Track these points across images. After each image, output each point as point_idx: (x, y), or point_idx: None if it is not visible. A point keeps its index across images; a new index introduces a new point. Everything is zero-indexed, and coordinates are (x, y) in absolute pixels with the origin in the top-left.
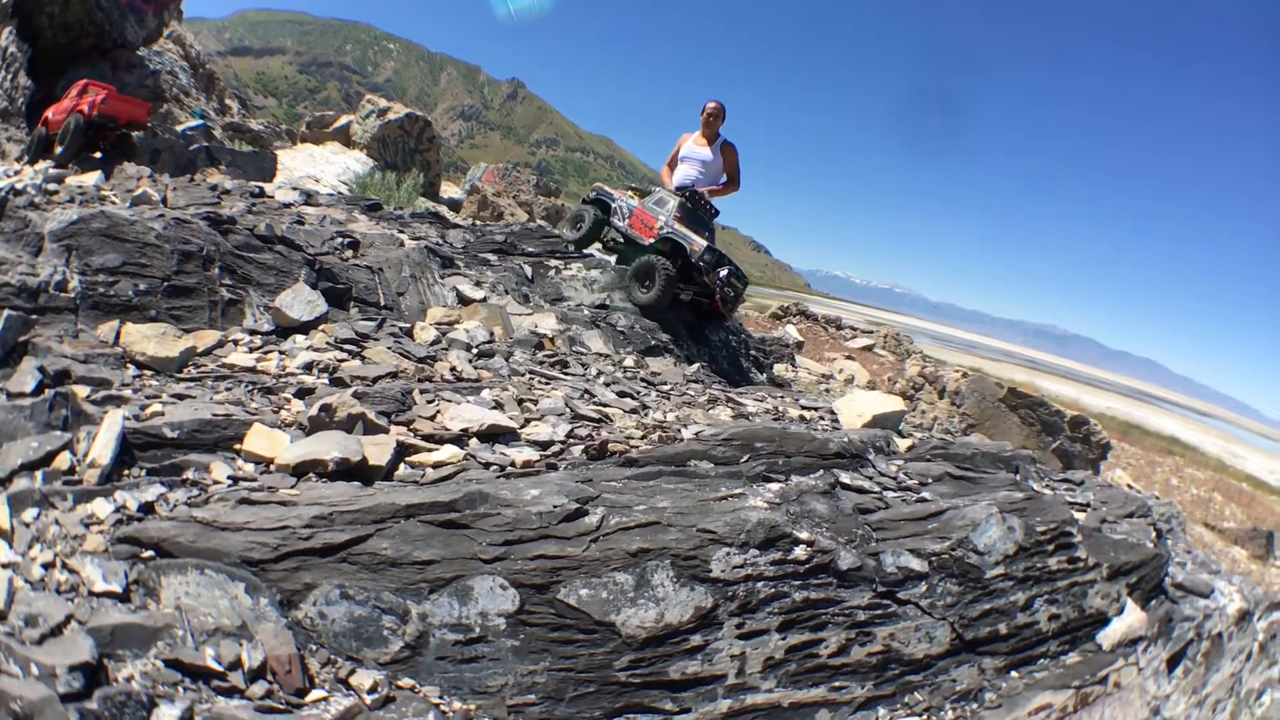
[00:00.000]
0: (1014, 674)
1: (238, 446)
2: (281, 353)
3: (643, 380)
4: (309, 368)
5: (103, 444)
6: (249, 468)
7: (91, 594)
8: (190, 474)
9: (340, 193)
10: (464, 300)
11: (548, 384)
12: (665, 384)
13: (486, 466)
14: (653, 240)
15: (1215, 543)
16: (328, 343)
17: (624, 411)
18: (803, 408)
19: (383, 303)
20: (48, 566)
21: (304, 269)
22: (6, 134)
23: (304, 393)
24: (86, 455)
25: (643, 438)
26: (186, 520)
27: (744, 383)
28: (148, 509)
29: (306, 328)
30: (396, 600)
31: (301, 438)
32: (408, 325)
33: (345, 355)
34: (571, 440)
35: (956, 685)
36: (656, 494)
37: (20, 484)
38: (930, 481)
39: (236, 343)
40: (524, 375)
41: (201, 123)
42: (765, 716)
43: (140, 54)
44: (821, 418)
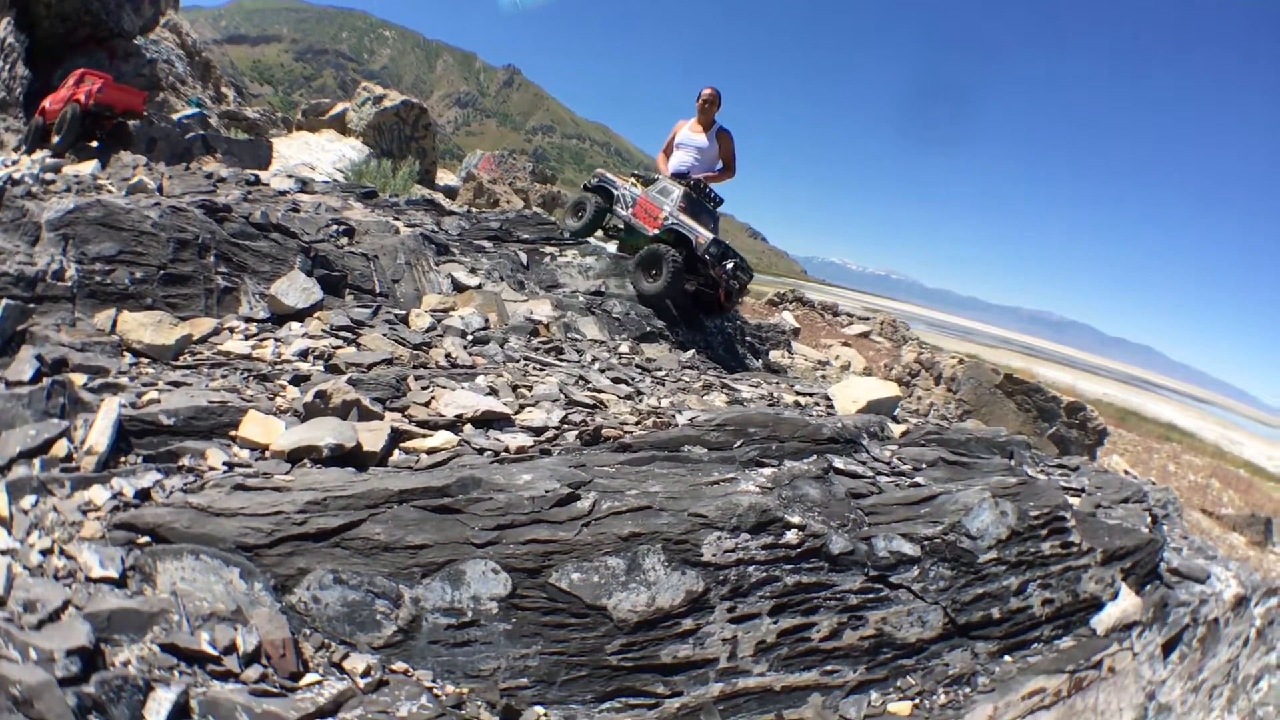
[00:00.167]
0: (1007, 658)
1: (233, 433)
2: (277, 340)
3: (637, 366)
4: (304, 355)
5: (100, 431)
6: (244, 454)
7: (89, 580)
8: (186, 460)
9: (336, 180)
10: (459, 287)
11: (542, 370)
12: (660, 370)
13: (480, 452)
14: (657, 231)
15: (1213, 529)
16: (323, 330)
17: (618, 397)
18: (798, 394)
19: (378, 290)
20: (46, 553)
21: (299, 256)
22: (4, 124)
23: (299, 379)
24: (84, 442)
25: (637, 423)
26: (182, 506)
27: (739, 369)
28: (144, 495)
29: (302, 315)
30: (389, 585)
31: (296, 424)
32: (403, 312)
33: (340, 342)
34: (566, 426)
35: (949, 669)
36: (649, 479)
37: (19, 471)
38: (924, 466)
39: (232, 330)
40: (519, 362)
41: (197, 111)
42: (757, 700)
43: (137, 43)
44: (816, 403)
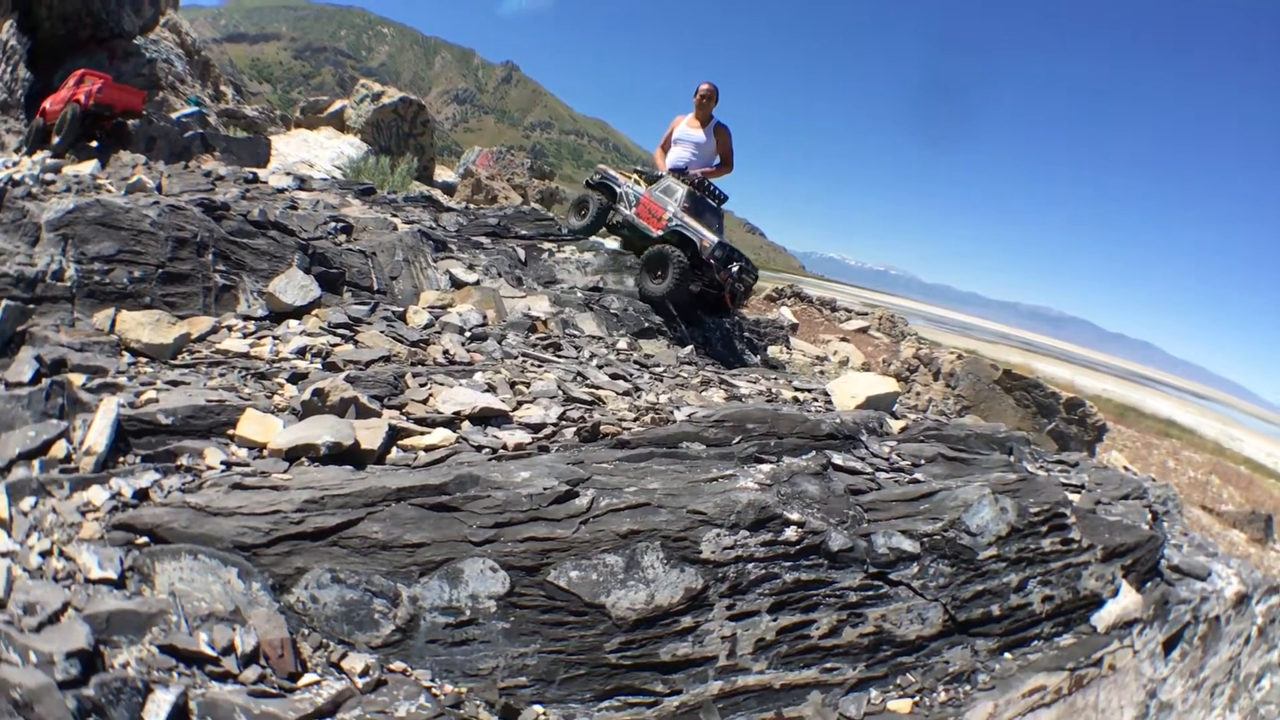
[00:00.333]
0: (1007, 655)
1: (231, 432)
2: (275, 338)
3: (636, 363)
4: (302, 352)
5: (98, 432)
6: (242, 453)
7: (88, 581)
8: (184, 460)
9: (334, 177)
10: (457, 284)
11: (540, 367)
12: (658, 366)
13: (478, 449)
14: (661, 232)
15: (1213, 525)
16: (321, 327)
17: (616, 394)
18: (796, 389)
19: (376, 287)
20: (45, 555)
21: (297, 254)
22: (5, 126)
23: (297, 377)
24: (82, 443)
25: (635, 420)
26: (180, 506)
27: (738, 365)
28: (142, 495)
29: (300, 313)
30: (387, 583)
31: (294, 422)
32: (401, 309)
33: (338, 339)
34: (564, 422)
35: (949, 667)
36: (647, 475)
37: (18, 473)
38: (923, 463)
39: (230, 328)
40: (517, 358)
41: (196, 110)
42: (756, 698)
43: (137, 43)
44: (815, 399)
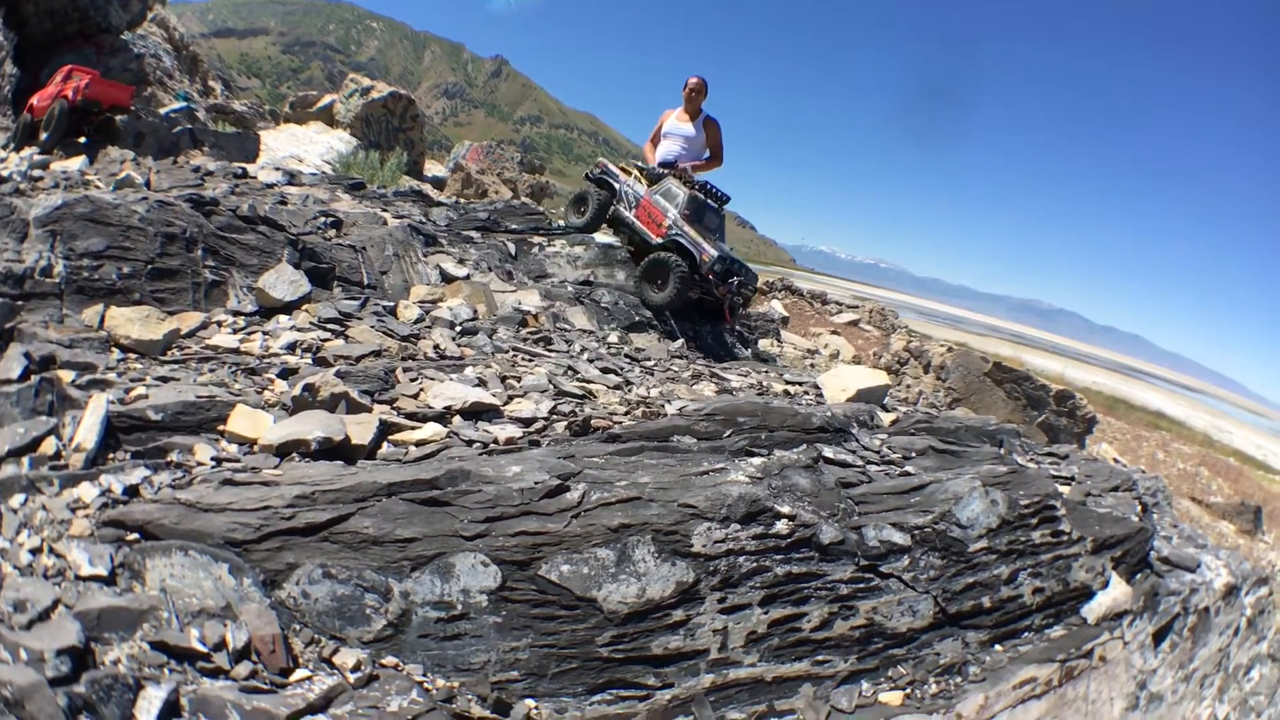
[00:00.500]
0: (998, 647)
1: (221, 428)
2: (265, 333)
3: (626, 356)
4: (292, 348)
5: (87, 428)
6: (232, 449)
7: (78, 578)
8: (174, 456)
9: (323, 172)
10: (447, 278)
11: (531, 361)
12: (649, 360)
13: (469, 444)
14: (660, 240)
15: (1202, 517)
16: (311, 322)
17: (608, 388)
18: (787, 383)
19: (366, 282)
20: (35, 552)
21: (287, 249)
22: None
23: (287, 373)
24: (72, 440)
25: (626, 413)
26: (170, 502)
27: (728, 358)
28: (132, 492)
29: (290, 308)
30: (379, 578)
31: (285, 418)
32: (391, 304)
33: (329, 335)
34: (555, 417)
35: (940, 659)
36: (638, 469)
37: (8, 470)
38: (914, 455)
39: (220, 324)
40: (507, 352)
41: (185, 105)
42: (748, 691)
43: (124, 38)
44: (806, 392)
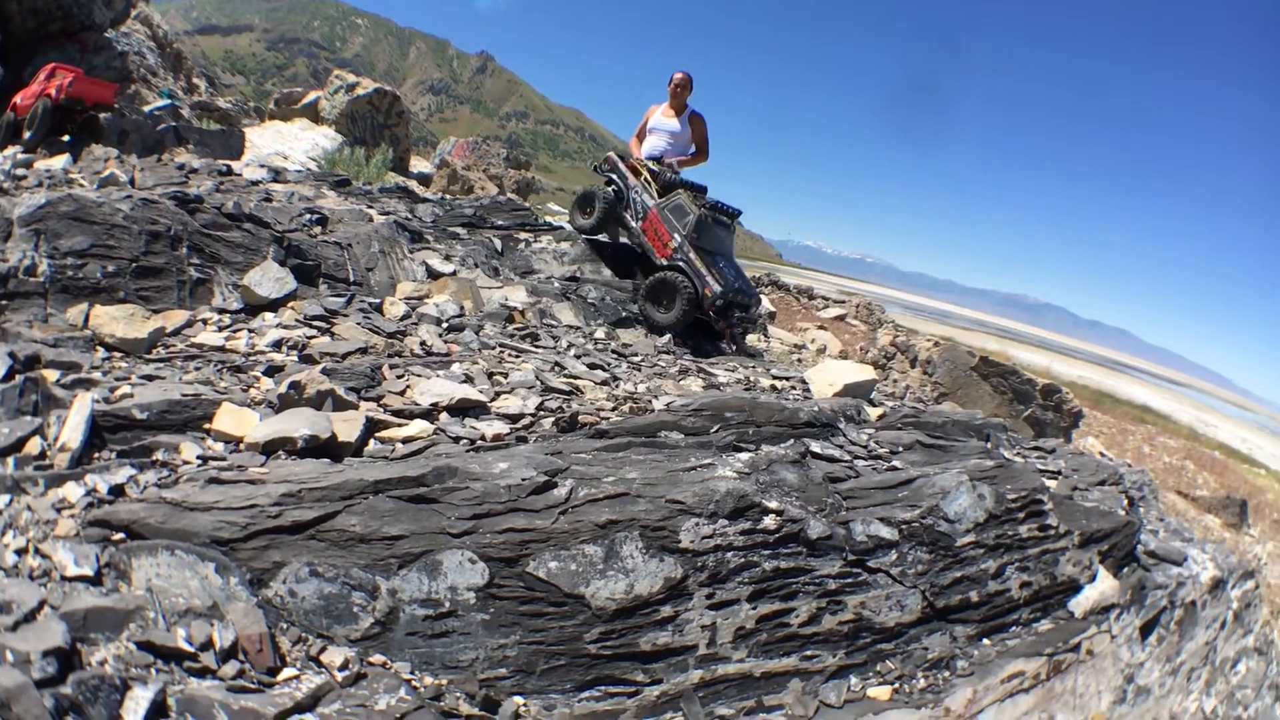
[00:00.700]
0: (986, 642)
1: (207, 426)
2: (250, 331)
3: (614, 352)
4: (278, 345)
5: (72, 427)
6: (218, 447)
7: (64, 578)
8: (160, 455)
9: (309, 169)
10: (434, 274)
11: (518, 357)
12: (636, 355)
13: (456, 441)
14: (665, 261)
15: (1188, 510)
16: (297, 320)
17: (595, 383)
18: (774, 378)
19: (352, 278)
20: (21, 552)
21: (272, 246)
22: None
23: (273, 370)
24: (57, 439)
25: (613, 409)
26: (156, 501)
27: (715, 353)
28: (118, 491)
29: (275, 305)
30: (366, 576)
31: (271, 416)
32: (377, 300)
33: (314, 332)
34: (542, 413)
35: (928, 653)
36: (626, 465)
37: None
38: (901, 450)
39: (205, 322)
40: (494, 349)
41: (169, 103)
42: (737, 686)
43: (108, 35)
44: (793, 387)
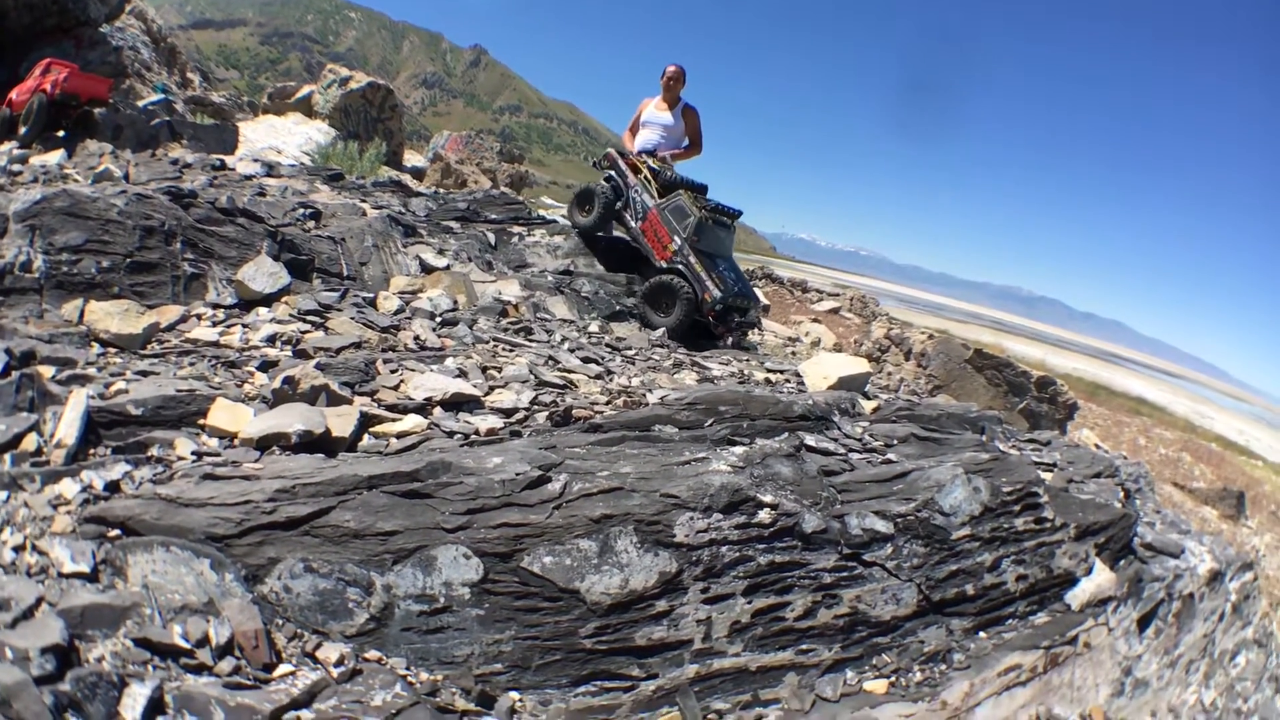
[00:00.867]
0: (982, 635)
1: (202, 421)
2: (244, 326)
3: (607, 345)
4: (272, 340)
5: (68, 424)
6: (213, 443)
7: (61, 575)
8: (155, 451)
9: (302, 163)
10: (427, 268)
11: (512, 351)
12: (630, 349)
13: (450, 435)
14: (664, 263)
15: (1185, 502)
16: (291, 314)
17: (589, 377)
18: (768, 371)
19: (345, 273)
20: (18, 549)
21: (266, 241)
22: None
23: (267, 365)
24: (53, 436)
25: (607, 403)
26: (151, 498)
27: (709, 347)
28: (113, 488)
29: (269, 300)
30: (360, 572)
31: (265, 411)
32: (371, 295)
33: (308, 326)
34: (535, 407)
35: (924, 646)
36: (620, 459)
37: None
38: (896, 443)
39: (199, 317)
40: (488, 343)
41: (163, 97)
42: (732, 680)
43: (103, 30)
44: (787, 380)
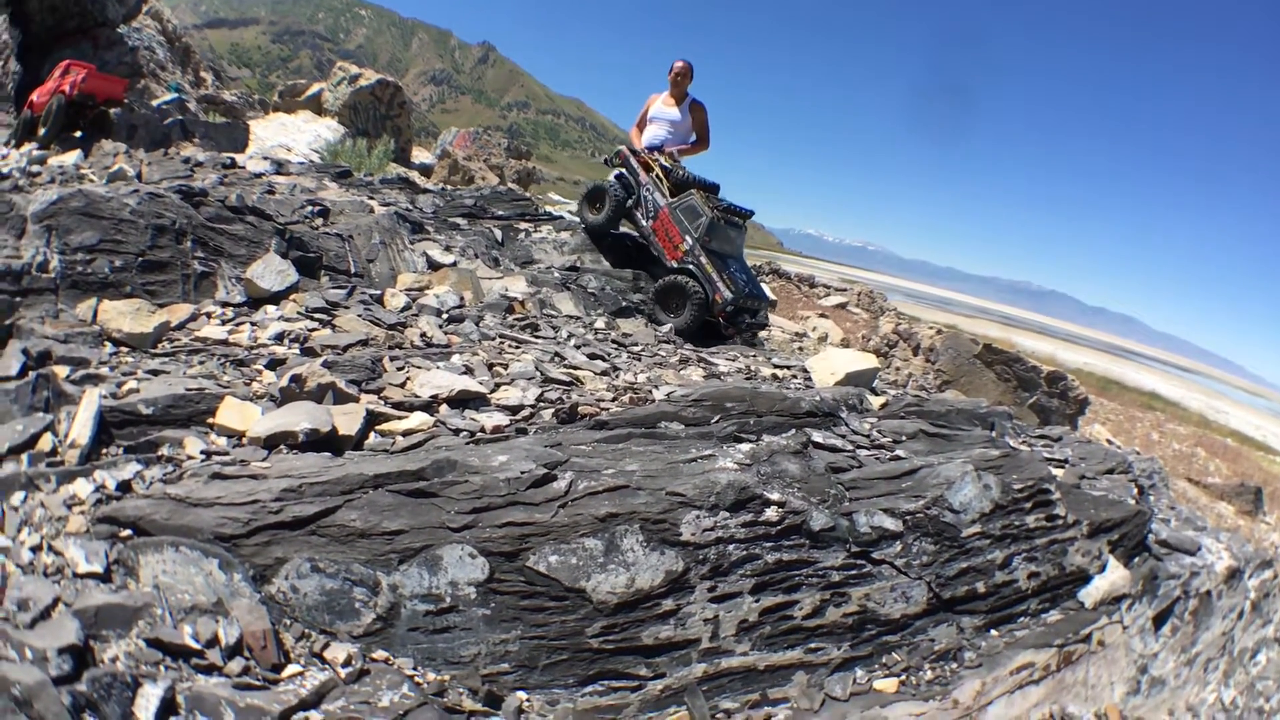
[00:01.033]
0: (994, 633)
1: (211, 420)
2: (253, 324)
3: (614, 342)
4: (280, 338)
5: (81, 424)
6: (221, 441)
7: (76, 575)
8: (165, 450)
9: (311, 161)
10: (434, 265)
11: (518, 348)
12: (636, 345)
13: (456, 433)
14: (675, 263)
15: (1200, 498)
16: (299, 312)
17: (595, 374)
18: (775, 367)
19: (353, 270)
20: (35, 549)
21: (275, 239)
22: None
23: (275, 363)
24: (67, 436)
25: (614, 400)
26: (161, 497)
27: (716, 343)
28: (125, 487)
29: (278, 298)
30: (367, 572)
31: (272, 409)
32: (378, 292)
33: (316, 324)
34: (542, 404)
35: (935, 645)
36: (626, 457)
37: (8, 468)
38: (904, 439)
39: (209, 315)
40: (494, 339)
41: (176, 96)
42: (741, 680)
43: (120, 31)
44: (794, 376)
